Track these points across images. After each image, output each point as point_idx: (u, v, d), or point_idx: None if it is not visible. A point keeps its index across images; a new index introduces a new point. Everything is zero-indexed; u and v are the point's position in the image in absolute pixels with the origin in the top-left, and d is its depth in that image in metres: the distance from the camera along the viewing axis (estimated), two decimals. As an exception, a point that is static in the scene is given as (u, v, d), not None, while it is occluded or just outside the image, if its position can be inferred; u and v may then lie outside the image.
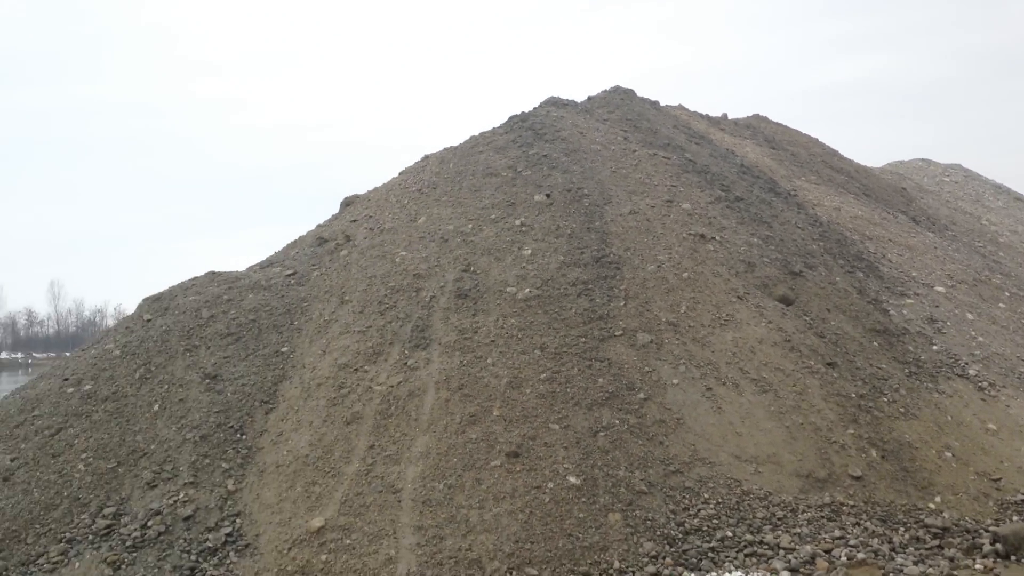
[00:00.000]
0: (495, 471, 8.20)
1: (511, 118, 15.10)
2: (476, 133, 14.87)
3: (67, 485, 8.91)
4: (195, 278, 12.77)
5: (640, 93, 17.31)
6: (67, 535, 8.32)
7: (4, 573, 7.94)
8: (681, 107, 18.86)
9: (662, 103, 17.80)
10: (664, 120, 16.46)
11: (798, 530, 7.93)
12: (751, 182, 14.39)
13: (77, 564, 7.94)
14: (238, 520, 8.37)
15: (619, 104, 16.30)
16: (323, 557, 7.65)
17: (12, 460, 9.35)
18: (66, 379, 10.67)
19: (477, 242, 11.26)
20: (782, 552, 7.64)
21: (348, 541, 7.75)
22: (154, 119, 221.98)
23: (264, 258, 13.81)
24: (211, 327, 11.09)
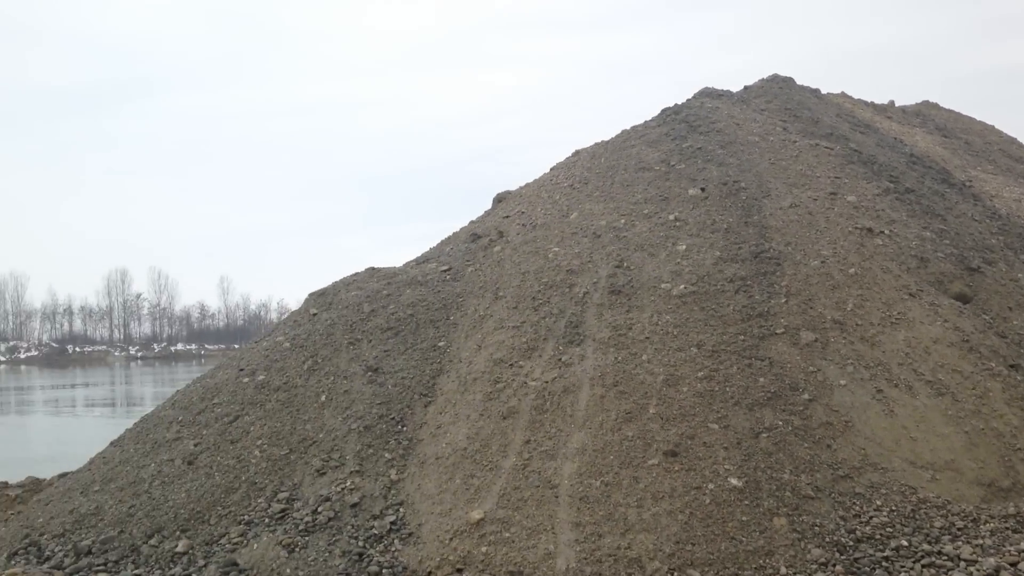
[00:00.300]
0: (652, 470, 8.12)
1: (664, 111, 14.88)
2: (627, 127, 14.74)
3: (244, 470, 9.45)
4: (356, 274, 13.28)
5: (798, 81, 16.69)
6: (245, 517, 8.84)
7: (191, 551, 8.51)
8: (844, 95, 18.05)
9: (823, 91, 17.10)
10: (826, 109, 15.81)
11: (980, 541, 7.46)
12: (922, 173, 13.62)
13: (255, 545, 8.41)
14: (401, 509, 8.65)
15: (777, 93, 15.77)
16: (483, 549, 7.79)
17: (195, 445, 10.02)
18: (241, 369, 11.32)
19: (630, 238, 11.17)
20: (963, 564, 7.20)
21: (507, 534, 7.87)
22: (314, 119, 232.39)
23: (419, 254, 14.21)
24: (372, 321, 11.51)
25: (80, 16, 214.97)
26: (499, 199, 14.92)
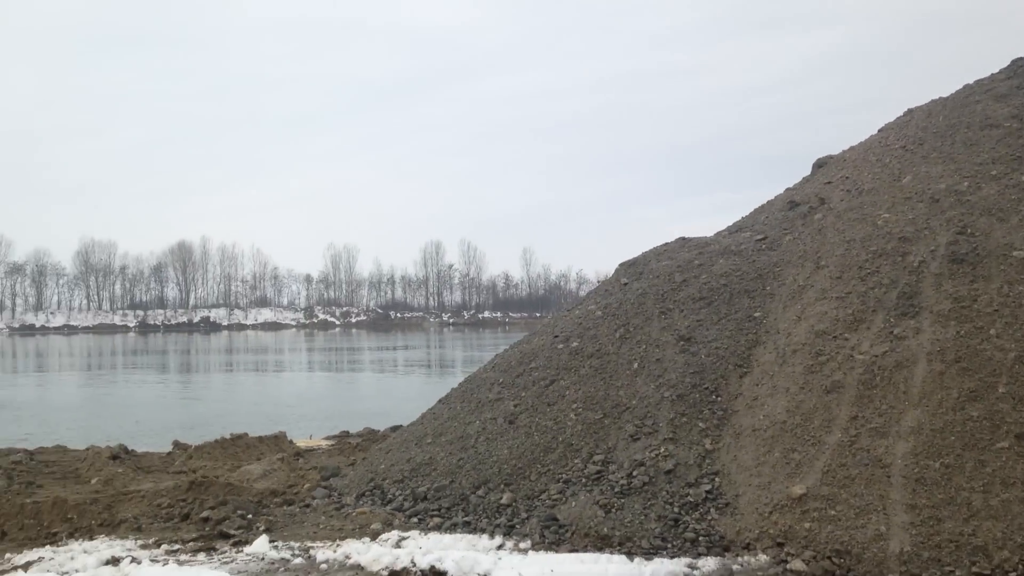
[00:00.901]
0: (1002, 453, 7.34)
1: (1015, 61, 13.22)
2: (970, 82, 13.29)
3: (561, 431, 9.81)
4: (666, 244, 13.24)
5: None
6: (563, 476, 9.18)
7: (514, 504, 9.01)
8: None
9: None
10: None
11: None
12: None
13: (573, 503, 8.72)
14: (717, 479, 8.54)
15: None
16: (806, 525, 7.49)
17: (515, 406, 10.55)
18: (556, 336, 11.74)
19: (974, 202, 10.10)
20: None
21: (832, 512, 7.50)
22: (615, 93, 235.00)
23: (722, 224, 13.86)
24: (683, 291, 11.42)
25: (397, 13, 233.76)
26: (819, 164, 14.15)
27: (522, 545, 8.25)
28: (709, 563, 7.48)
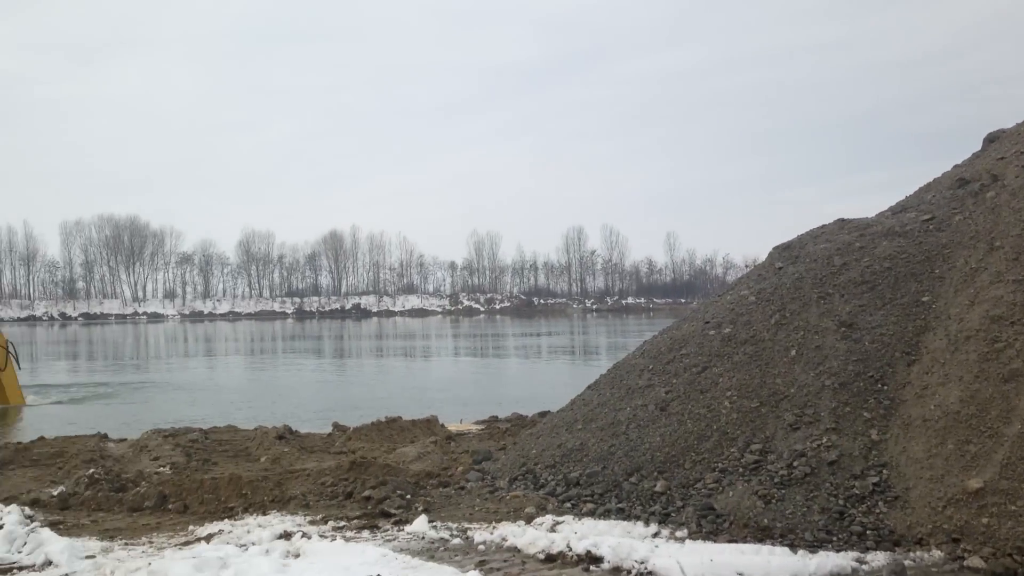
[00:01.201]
0: None
1: None
2: None
3: (715, 419, 9.63)
4: (823, 226, 12.73)
5: None
6: (719, 465, 9.02)
7: (669, 492, 8.92)
8: None
9: None
10: None
11: None
12: None
13: (731, 493, 8.55)
14: (884, 471, 8.18)
15: None
16: (984, 520, 7.08)
17: (666, 393, 10.43)
18: (707, 322, 11.52)
19: None
20: None
21: (1013, 507, 7.05)
22: (758, 72, 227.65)
23: (881, 203, 13.20)
24: (843, 275, 10.96)
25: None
26: (991, 139, 13.24)
27: (678, 534, 8.16)
28: (879, 558, 7.18)
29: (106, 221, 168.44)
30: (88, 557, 7.73)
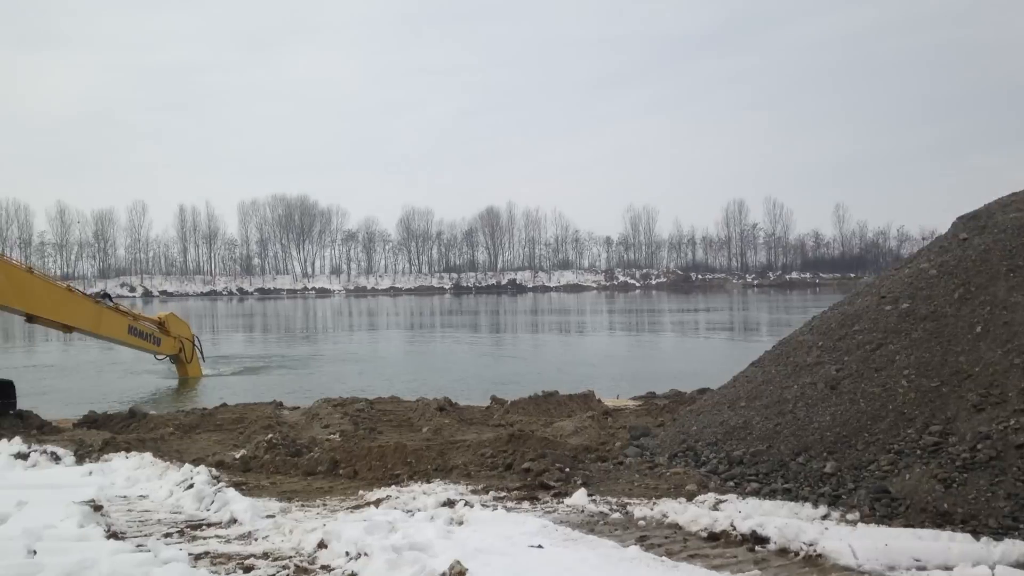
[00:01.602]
0: None
1: None
2: None
3: (891, 399, 9.11)
4: (1014, 194, 11.74)
5: None
6: (894, 447, 8.53)
7: (839, 473, 8.53)
8: None
9: None
10: None
11: None
12: None
13: (907, 476, 8.08)
14: (1085, 459, 7.50)
15: None
16: None
17: (837, 371, 9.96)
18: (883, 297, 10.90)
19: None
20: None
21: None
22: (953, 29, 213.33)
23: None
24: (1036, 246, 10.09)
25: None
26: None
27: (849, 517, 7.80)
28: (1073, 550, 6.61)
29: (279, 201, 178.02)
30: (268, 516, 8.19)
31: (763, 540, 7.18)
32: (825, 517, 7.83)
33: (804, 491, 8.53)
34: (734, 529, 7.41)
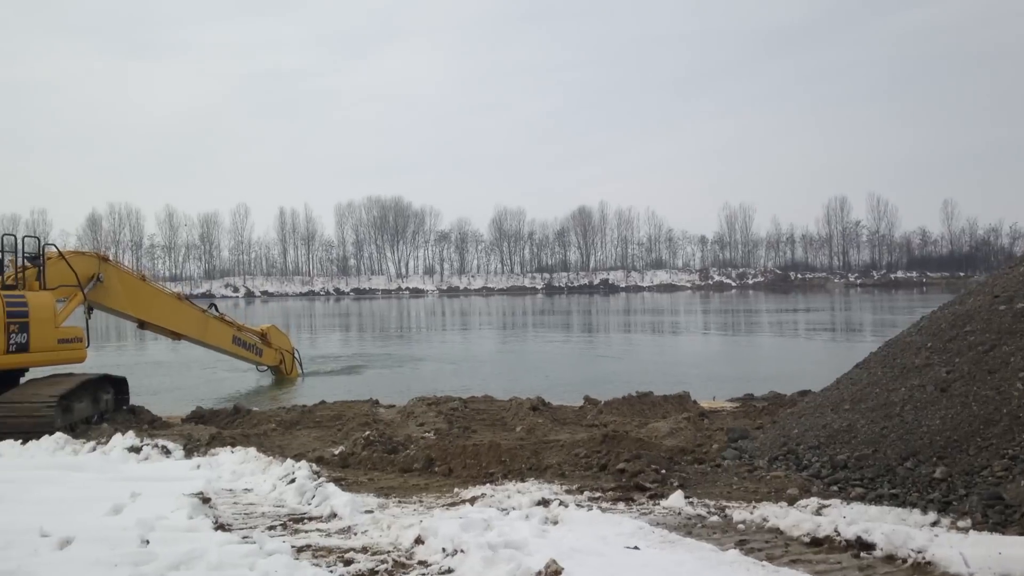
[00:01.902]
0: None
1: None
2: None
3: (1006, 402, 8.69)
4: None
5: None
6: (1009, 452, 8.13)
7: (950, 479, 8.18)
8: None
9: None
10: None
11: None
12: None
13: (1022, 482, 7.70)
14: None
15: None
16: None
17: (947, 373, 9.56)
18: (996, 296, 10.41)
19: None
20: None
21: None
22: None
23: None
24: None
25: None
26: None
27: (960, 524, 7.47)
28: None
29: (374, 203, 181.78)
30: (367, 512, 8.34)
31: (869, 546, 6.94)
32: (934, 524, 7.52)
33: (912, 497, 8.21)
34: (838, 534, 7.19)
